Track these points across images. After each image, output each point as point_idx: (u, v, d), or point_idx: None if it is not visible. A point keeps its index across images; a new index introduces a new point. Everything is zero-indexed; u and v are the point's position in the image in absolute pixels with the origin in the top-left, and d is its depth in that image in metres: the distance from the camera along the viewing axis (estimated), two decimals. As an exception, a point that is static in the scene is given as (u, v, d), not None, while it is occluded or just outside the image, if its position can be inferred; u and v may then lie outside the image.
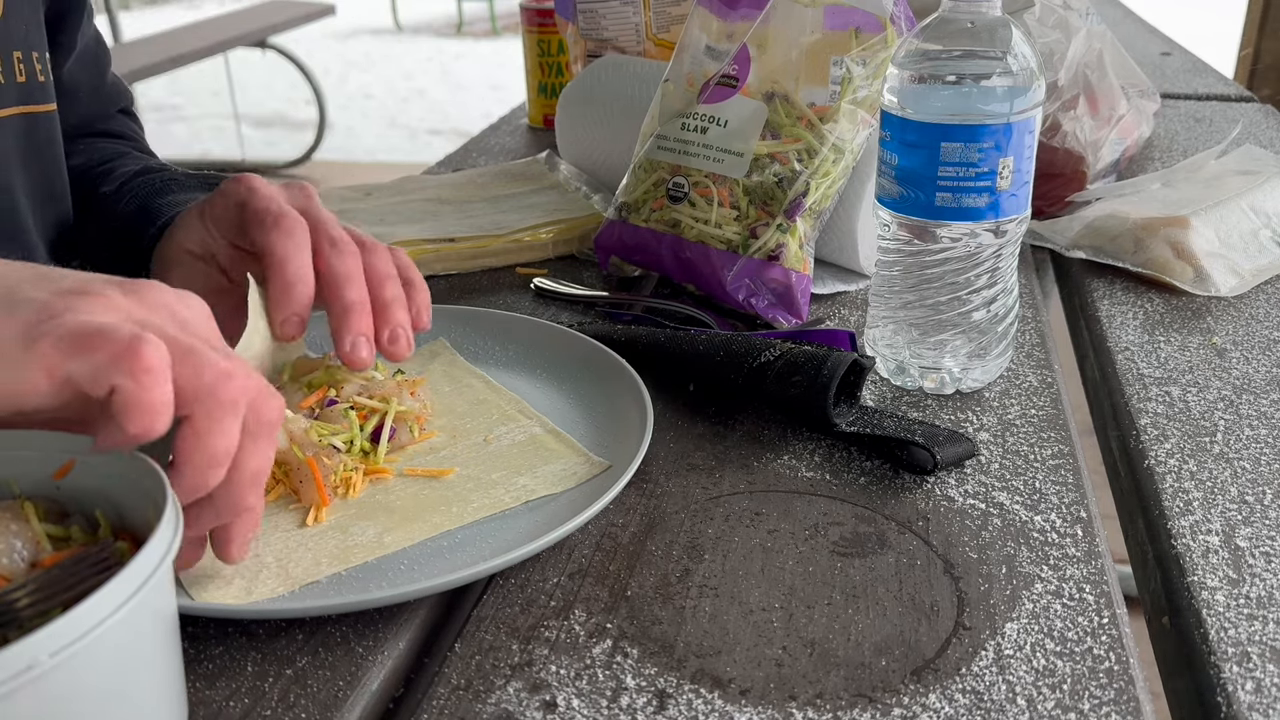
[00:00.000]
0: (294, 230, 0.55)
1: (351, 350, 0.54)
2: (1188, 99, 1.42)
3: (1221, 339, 0.74)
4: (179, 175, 0.73)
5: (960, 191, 0.61)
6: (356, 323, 0.55)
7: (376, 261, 0.57)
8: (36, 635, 0.29)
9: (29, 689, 0.29)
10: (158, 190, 0.70)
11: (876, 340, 0.68)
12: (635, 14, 1.05)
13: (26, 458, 0.41)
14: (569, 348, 0.68)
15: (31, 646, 0.29)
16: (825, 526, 0.54)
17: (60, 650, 0.30)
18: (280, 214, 0.56)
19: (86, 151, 0.81)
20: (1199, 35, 3.29)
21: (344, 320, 0.55)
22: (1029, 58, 0.60)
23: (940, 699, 0.43)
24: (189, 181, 0.72)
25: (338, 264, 0.55)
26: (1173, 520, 0.54)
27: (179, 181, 0.72)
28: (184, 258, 0.62)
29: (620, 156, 0.94)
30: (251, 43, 4.25)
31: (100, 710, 0.32)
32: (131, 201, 0.70)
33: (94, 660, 0.31)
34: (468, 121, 5.13)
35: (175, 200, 0.68)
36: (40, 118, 0.69)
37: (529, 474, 0.57)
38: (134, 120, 0.91)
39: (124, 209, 0.70)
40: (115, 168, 0.77)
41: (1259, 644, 0.46)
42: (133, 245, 0.67)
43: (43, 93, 0.69)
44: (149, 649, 0.34)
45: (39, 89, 0.68)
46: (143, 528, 0.39)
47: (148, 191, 0.71)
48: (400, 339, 0.56)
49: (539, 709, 0.43)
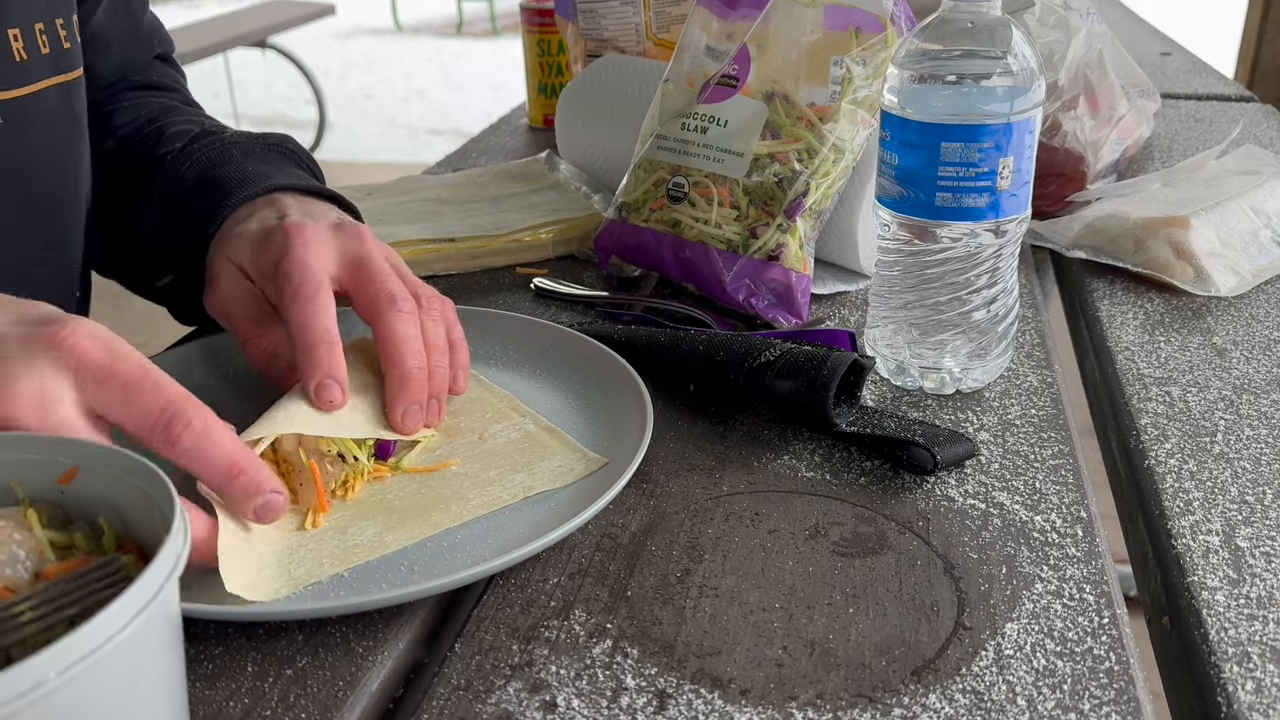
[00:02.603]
0: (313, 298, 0.56)
1: (403, 419, 0.56)
2: (1188, 99, 1.42)
3: (1222, 339, 0.74)
4: (240, 139, 0.71)
5: (960, 191, 0.61)
6: (413, 391, 0.57)
7: (429, 324, 0.58)
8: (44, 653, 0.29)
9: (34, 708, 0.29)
10: (219, 158, 0.68)
11: (876, 340, 0.68)
12: (635, 14, 1.05)
13: (31, 462, 0.41)
14: (569, 348, 0.68)
15: (39, 665, 0.29)
16: (825, 526, 0.54)
17: (68, 668, 0.30)
18: (299, 283, 0.56)
19: (132, 109, 0.78)
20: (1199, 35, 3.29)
21: (401, 388, 0.56)
22: (1029, 58, 0.60)
23: (940, 699, 0.43)
24: (251, 145, 0.70)
25: (399, 327, 0.57)
26: (1173, 520, 0.54)
27: (240, 145, 0.70)
28: (229, 267, 0.62)
29: (620, 156, 0.94)
30: (251, 43, 4.26)
31: None
32: (191, 170, 0.68)
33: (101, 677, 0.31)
34: (468, 121, 5.13)
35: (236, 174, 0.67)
36: (73, 85, 0.68)
37: (526, 471, 0.57)
38: (174, 67, 0.87)
39: (185, 175, 0.68)
40: (166, 126, 0.75)
41: (1259, 644, 0.46)
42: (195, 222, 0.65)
43: (72, 60, 0.68)
44: (155, 663, 0.34)
45: (65, 56, 0.67)
46: (148, 537, 0.38)
47: (208, 160, 0.69)
48: (434, 410, 0.58)
49: (539, 709, 0.43)
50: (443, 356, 0.59)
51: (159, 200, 0.69)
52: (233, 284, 0.61)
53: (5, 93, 0.62)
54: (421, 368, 0.57)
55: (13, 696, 0.29)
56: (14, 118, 0.62)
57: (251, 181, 0.66)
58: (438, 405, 0.59)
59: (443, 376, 0.59)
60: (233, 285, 0.61)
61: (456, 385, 0.61)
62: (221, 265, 0.62)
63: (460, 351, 0.61)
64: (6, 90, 0.62)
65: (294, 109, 5.49)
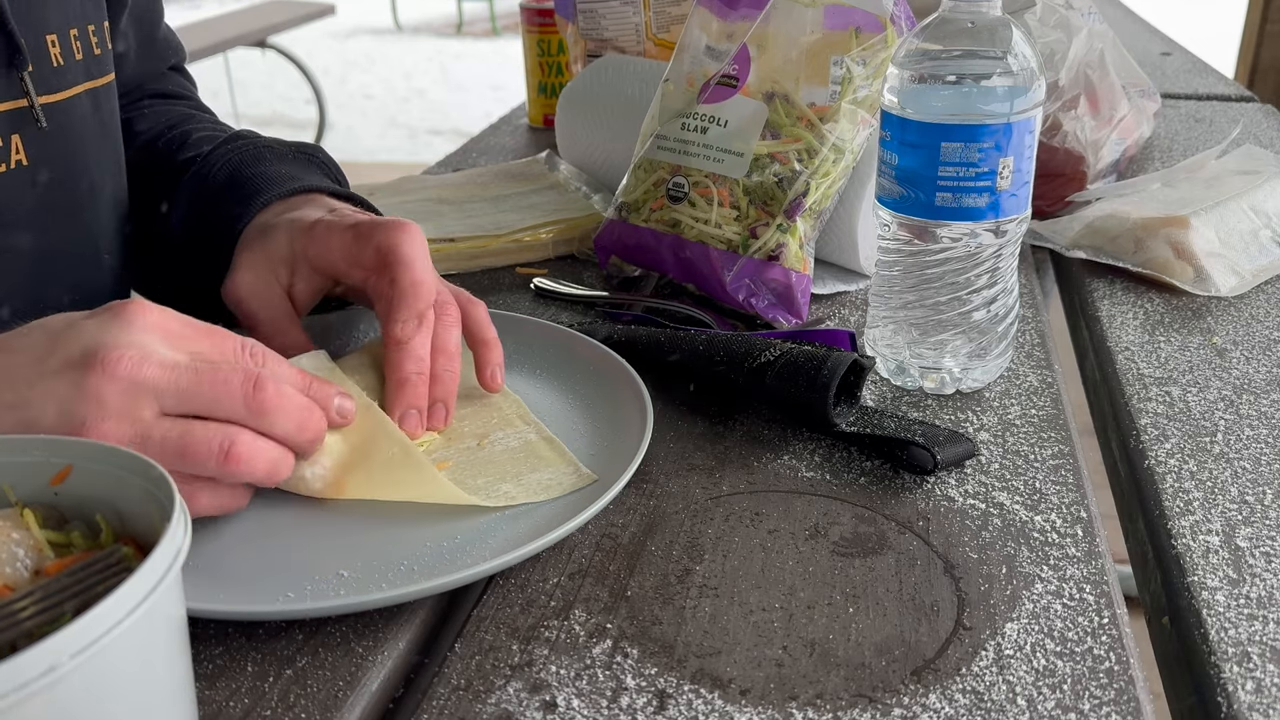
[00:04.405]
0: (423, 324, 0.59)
1: (401, 423, 0.58)
2: (1188, 99, 1.42)
3: (1222, 339, 0.74)
4: (273, 143, 0.72)
5: (960, 191, 0.61)
6: (408, 397, 0.58)
7: (440, 329, 0.60)
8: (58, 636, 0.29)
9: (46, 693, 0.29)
10: (253, 158, 0.70)
11: (876, 340, 0.68)
12: (635, 14, 1.05)
13: (22, 464, 0.41)
14: (569, 348, 0.68)
15: (53, 648, 0.29)
16: (825, 526, 0.54)
17: (81, 651, 0.30)
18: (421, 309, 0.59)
19: (152, 116, 0.80)
20: (1199, 35, 3.29)
21: (397, 393, 0.58)
22: (1029, 58, 0.60)
23: (940, 699, 0.43)
24: (284, 150, 0.72)
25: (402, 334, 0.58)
26: (1173, 520, 0.54)
27: (274, 149, 0.71)
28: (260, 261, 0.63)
29: (620, 156, 0.94)
30: (251, 43, 4.26)
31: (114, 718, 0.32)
32: (223, 169, 0.69)
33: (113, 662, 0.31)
34: (468, 121, 5.13)
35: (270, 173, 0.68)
36: (103, 90, 0.69)
37: (514, 481, 0.56)
38: (186, 77, 0.89)
39: (217, 174, 0.69)
40: (190, 132, 0.77)
41: (1259, 644, 0.46)
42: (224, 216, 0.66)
43: (102, 66, 0.69)
44: (164, 649, 0.34)
45: (96, 63, 0.68)
46: (146, 531, 0.38)
47: (241, 159, 0.70)
48: (439, 414, 0.59)
49: (539, 709, 0.43)
50: (452, 360, 0.60)
51: (186, 197, 0.70)
52: (257, 279, 0.62)
53: (45, 97, 0.63)
54: (421, 374, 0.58)
55: (26, 681, 0.29)
56: (53, 121, 0.64)
57: (286, 180, 0.67)
58: (444, 409, 0.59)
59: (450, 380, 0.60)
60: (256, 280, 0.62)
61: (494, 382, 0.63)
62: (250, 259, 0.63)
63: (494, 350, 0.63)
64: (47, 94, 0.63)
65: (294, 109, 5.49)
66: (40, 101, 0.62)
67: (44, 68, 0.63)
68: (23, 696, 0.29)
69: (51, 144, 0.63)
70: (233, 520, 0.52)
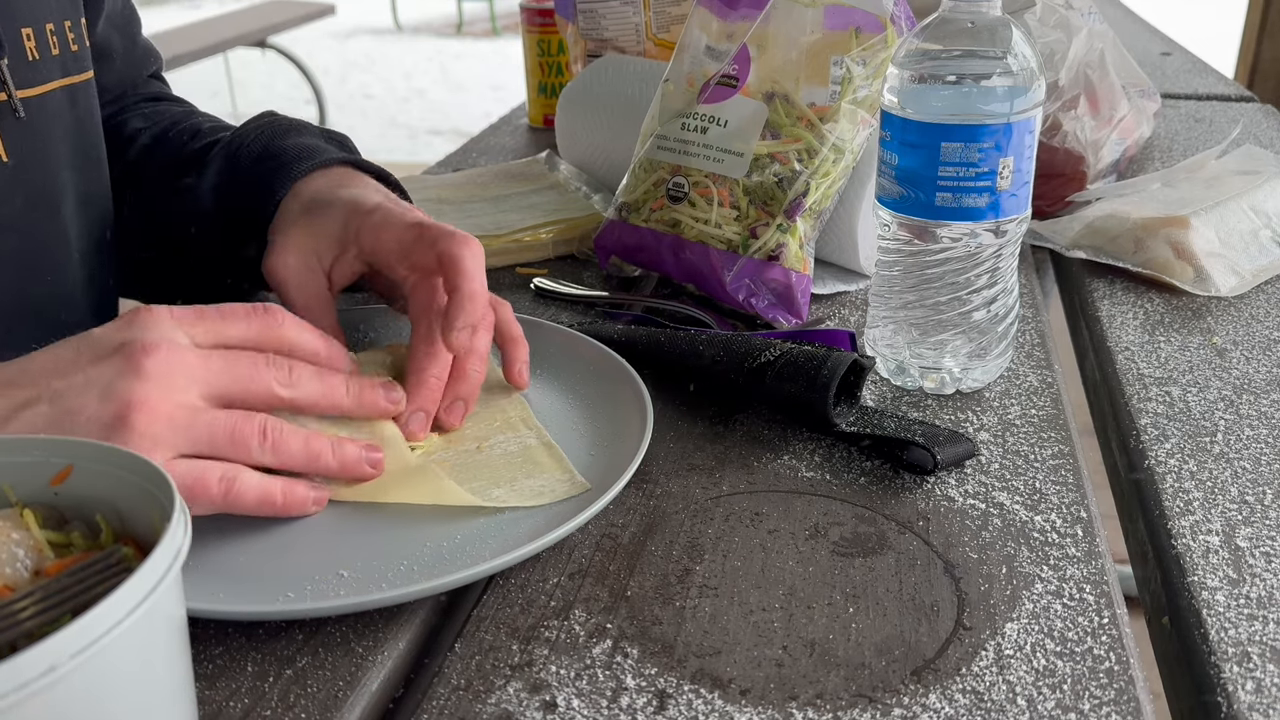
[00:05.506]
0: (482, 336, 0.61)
1: (407, 421, 0.59)
2: (1188, 99, 1.42)
3: (1222, 339, 0.74)
4: (304, 124, 0.74)
5: (960, 191, 0.61)
6: (418, 399, 0.59)
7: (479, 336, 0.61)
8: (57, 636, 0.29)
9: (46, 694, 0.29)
10: (284, 133, 0.71)
11: (876, 340, 0.68)
12: (635, 14, 1.05)
13: (22, 464, 0.41)
14: (569, 348, 0.68)
15: (53, 648, 0.29)
16: (825, 526, 0.54)
17: (81, 651, 0.30)
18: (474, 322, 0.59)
19: (152, 115, 0.81)
20: (1199, 35, 3.29)
21: (415, 392, 0.59)
22: (1029, 57, 0.60)
23: (940, 699, 0.43)
24: (314, 130, 0.73)
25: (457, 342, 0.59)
26: (1173, 520, 0.54)
27: (306, 128, 0.72)
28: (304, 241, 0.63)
29: (620, 156, 0.94)
30: (251, 43, 4.26)
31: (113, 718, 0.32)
32: (256, 143, 0.70)
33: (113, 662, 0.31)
34: (468, 121, 5.13)
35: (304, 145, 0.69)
36: (80, 88, 0.69)
37: (506, 486, 0.56)
38: (166, 85, 0.90)
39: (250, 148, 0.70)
40: (199, 124, 0.78)
41: (1259, 644, 0.46)
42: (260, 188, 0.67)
43: (79, 62, 0.69)
44: (164, 650, 0.34)
45: (73, 59, 0.68)
46: (146, 531, 0.38)
47: (272, 133, 0.71)
48: (456, 412, 0.61)
49: (539, 709, 0.43)
50: (481, 361, 0.61)
51: (217, 168, 0.71)
52: (301, 264, 0.63)
53: (21, 91, 0.63)
54: (440, 379, 0.60)
55: (26, 681, 0.28)
56: (29, 115, 0.64)
57: (323, 152, 0.68)
58: (463, 406, 0.61)
59: (476, 379, 0.61)
60: (301, 265, 0.63)
61: (521, 379, 0.64)
62: (296, 239, 0.64)
63: (521, 347, 0.64)
64: (23, 89, 0.63)
65: (294, 109, 5.48)
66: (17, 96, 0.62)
67: (19, 61, 0.63)
68: (23, 696, 0.28)
69: (26, 139, 0.63)
70: (233, 520, 0.52)
